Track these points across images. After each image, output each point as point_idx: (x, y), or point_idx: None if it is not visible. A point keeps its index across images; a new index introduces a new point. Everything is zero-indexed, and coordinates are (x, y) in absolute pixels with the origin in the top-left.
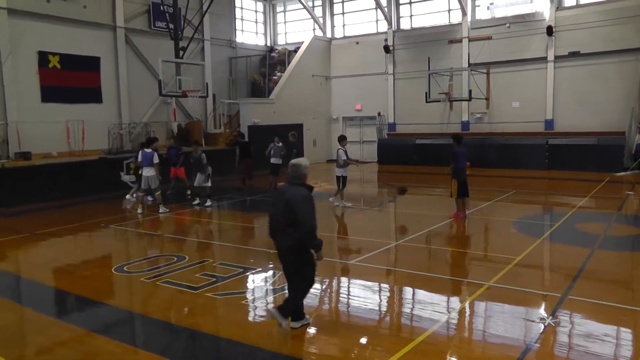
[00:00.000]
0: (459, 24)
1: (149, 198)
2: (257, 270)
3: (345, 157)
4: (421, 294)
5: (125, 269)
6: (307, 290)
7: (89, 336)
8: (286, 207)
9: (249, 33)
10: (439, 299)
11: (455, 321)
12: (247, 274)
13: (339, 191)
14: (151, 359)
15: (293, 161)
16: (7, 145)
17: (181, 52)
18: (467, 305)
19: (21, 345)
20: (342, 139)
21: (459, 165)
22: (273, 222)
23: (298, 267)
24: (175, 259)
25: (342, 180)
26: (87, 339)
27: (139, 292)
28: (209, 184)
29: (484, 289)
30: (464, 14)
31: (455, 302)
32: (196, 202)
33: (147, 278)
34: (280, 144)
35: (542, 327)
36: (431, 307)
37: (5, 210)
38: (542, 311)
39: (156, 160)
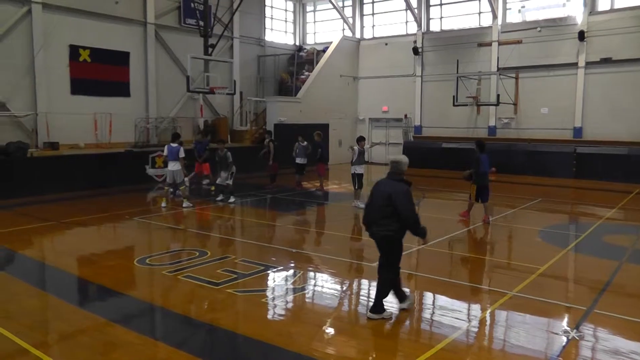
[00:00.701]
0: (489, 27)
1: (175, 192)
2: (279, 268)
3: (357, 155)
4: (442, 299)
5: (147, 261)
6: (393, 276)
7: (109, 326)
8: (385, 200)
9: (278, 32)
10: (460, 306)
11: (476, 329)
12: (269, 272)
13: (355, 191)
14: (169, 351)
15: (393, 157)
16: (37, 135)
17: (210, 49)
18: (488, 313)
19: (43, 331)
20: (360, 140)
21: (480, 171)
22: (369, 212)
23: (389, 254)
24: (197, 253)
25: (357, 179)
26: (107, 329)
27: (159, 285)
28: (231, 182)
29: (506, 298)
30: (495, 17)
31: (476, 310)
32: (220, 198)
33: (169, 271)
34: (305, 143)
35: (566, 340)
36: (452, 314)
37: (33, 198)
38: (565, 324)
39: (182, 154)
